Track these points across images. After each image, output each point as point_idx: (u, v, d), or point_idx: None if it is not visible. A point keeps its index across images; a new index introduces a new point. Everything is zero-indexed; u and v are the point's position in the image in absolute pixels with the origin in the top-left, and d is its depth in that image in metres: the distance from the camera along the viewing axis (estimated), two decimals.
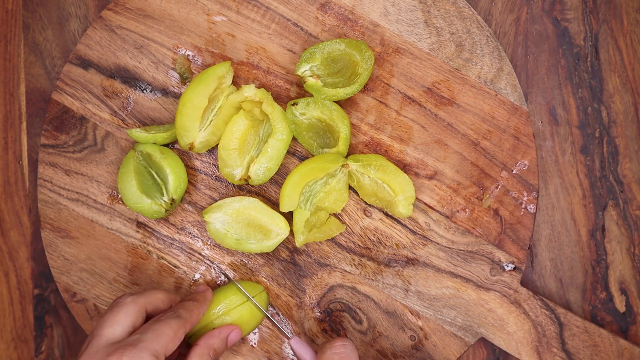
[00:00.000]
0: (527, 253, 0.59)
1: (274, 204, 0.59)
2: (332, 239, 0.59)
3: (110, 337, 0.47)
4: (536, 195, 0.59)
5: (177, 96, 0.60)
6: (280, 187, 0.58)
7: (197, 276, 0.59)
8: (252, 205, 0.57)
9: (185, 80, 0.59)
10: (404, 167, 0.59)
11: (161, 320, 0.48)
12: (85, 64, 0.60)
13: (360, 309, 0.59)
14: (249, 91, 0.57)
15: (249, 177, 0.57)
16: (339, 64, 0.58)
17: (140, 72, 0.60)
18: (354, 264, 0.59)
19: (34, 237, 0.62)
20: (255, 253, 0.59)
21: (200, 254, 0.59)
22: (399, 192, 0.57)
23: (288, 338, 0.55)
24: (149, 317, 0.50)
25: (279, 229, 0.57)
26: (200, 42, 0.59)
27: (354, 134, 0.59)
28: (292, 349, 0.54)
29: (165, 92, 0.60)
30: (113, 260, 0.59)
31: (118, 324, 0.47)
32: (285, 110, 0.57)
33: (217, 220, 0.57)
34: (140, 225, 0.59)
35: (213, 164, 0.60)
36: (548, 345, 0.58)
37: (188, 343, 0.54)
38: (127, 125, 0.60)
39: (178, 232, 0.59)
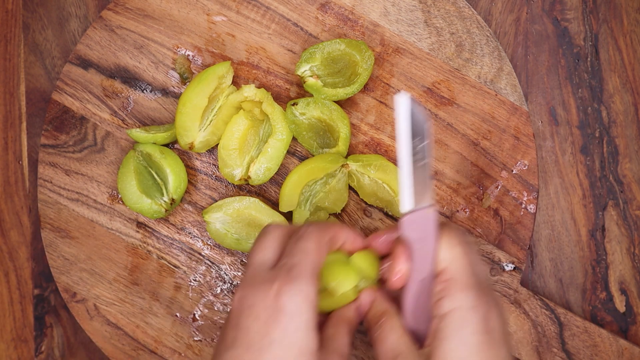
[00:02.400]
0: (527, 253, 0.59)
1: (274, 204, 0.59)
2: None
3: (262, 262, 0.46)
4: (536, 195, 0.59)
5: (177, 96, 0.60)
6: (280, 187, 0.58)
7: (197, 277, 0.59)
8: (252, 205, 0.57)
9: (185, 80, 0.59)
10: None
11: (302, 237, 0.46)
12: (85, 64, 0.60)
13: None
14: (249, 91, 0.57)
15: (249, 177, 0.57)
16: (339, 64, 0.58)
17: (140, 72, 0.60)
18: None
19: (34, 237, 0.62)
20: None
21: (200, 254, 0.59)
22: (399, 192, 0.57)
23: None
24: None
25: None
26: (200, 42, 0.59)
27: (354, 134, 0.59)
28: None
29: (165, 92, 0.60)
30: (113, 260, 0.59)
31: (267, 249, 0.46)
32: (285, 110, 0.57)
33: (217, 220, 0.57)
34: (140, 225, 0.59)
35: (213, 164, 0.60)
36: (548, 345, 0.58)
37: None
38: (127, 125, 0.60)
39: (178, 232, 0.59)
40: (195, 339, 0.59)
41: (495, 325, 0.45)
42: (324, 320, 0.49)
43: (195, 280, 0.59)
